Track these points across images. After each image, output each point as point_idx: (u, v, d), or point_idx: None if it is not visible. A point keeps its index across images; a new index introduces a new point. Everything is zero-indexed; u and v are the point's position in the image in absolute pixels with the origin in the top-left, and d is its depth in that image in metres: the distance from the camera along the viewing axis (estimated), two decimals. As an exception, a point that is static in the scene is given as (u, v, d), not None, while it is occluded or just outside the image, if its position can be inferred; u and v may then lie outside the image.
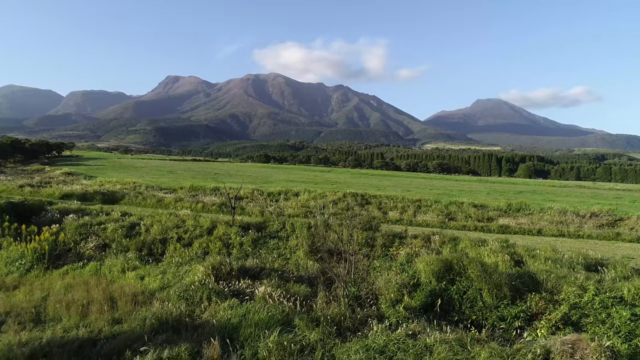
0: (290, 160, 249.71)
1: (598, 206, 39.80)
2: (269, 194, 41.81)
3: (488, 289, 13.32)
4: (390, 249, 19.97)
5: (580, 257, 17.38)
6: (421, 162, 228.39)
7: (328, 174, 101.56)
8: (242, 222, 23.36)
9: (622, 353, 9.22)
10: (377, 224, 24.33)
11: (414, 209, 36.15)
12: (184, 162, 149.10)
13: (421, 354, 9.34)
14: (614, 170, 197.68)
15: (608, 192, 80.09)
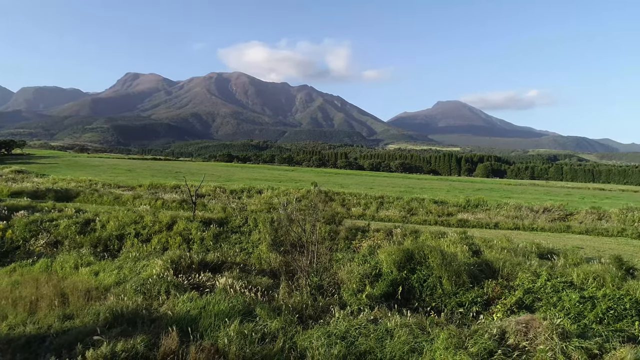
0: (253, 160, 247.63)
1: (550, 202, 41.55)
2: (231, 191, 41.23)
3: (447, 277, 13.64)
4: (353, 242, 20.13)
5: (533, 247, 18.11)
6: (384, 161, 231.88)
7: (292, 173, 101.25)
8: (203, 218, 22.92)
9: (572, 332, 9.62)
10: (340, 218, 24.48)
11: (377, 205, 36.59)
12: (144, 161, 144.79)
13: (382, 337, 9.44)
14: (565, 170, 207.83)
15: (560, 189, 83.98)
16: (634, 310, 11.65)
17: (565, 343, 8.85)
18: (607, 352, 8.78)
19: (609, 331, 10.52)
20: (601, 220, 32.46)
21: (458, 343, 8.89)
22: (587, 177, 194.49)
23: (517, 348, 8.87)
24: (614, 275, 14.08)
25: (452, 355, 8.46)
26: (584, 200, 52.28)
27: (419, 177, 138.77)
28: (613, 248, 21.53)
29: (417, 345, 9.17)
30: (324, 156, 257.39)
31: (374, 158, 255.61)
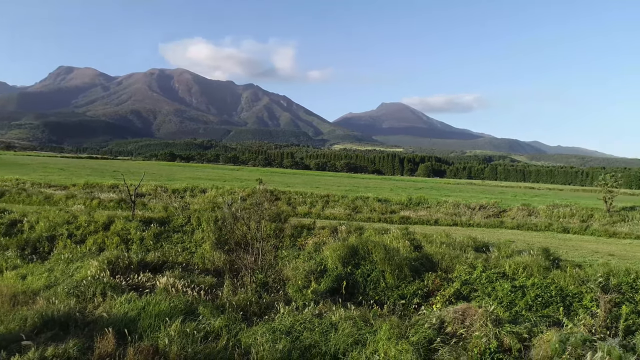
0: (197, 159, 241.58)
1: (486, 200, 43.83)
2: (173, 190, 39.91)
3: (390, 271, 14.00)
4: (299, 240, 20.16)
5: (470, 241, 19.01)
6: (330, 161, 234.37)
7: (237, 172, 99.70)
8: (143, 217, 22.02)
9: (504, 318, 10.20)
10: (286, 216, 24.44)
11: (322, 204, 36.88)
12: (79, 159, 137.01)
13: (327, 331, 9.52)
14: (499, 170, 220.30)
15: (494, 188, 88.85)
16: (559, 297, 12.56)
17: (499, 329, 9.38)
18: (535, 336, 9.39)
19: (537, 317, 11.27)
20: (531, 216, 34.68)
21: (400, 333, 9.15)
22: (518, 176, 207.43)
23: (455, 335, 9.28)
24: (542, 265, 15.08)
25: (394, 345, 8.69)
26: (516, 198, 55.58)
27: (364, 176, 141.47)
28: (541, 241, 23.04)
29: (361, 337, 9.33)
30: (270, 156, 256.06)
31: (320, 158, 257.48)
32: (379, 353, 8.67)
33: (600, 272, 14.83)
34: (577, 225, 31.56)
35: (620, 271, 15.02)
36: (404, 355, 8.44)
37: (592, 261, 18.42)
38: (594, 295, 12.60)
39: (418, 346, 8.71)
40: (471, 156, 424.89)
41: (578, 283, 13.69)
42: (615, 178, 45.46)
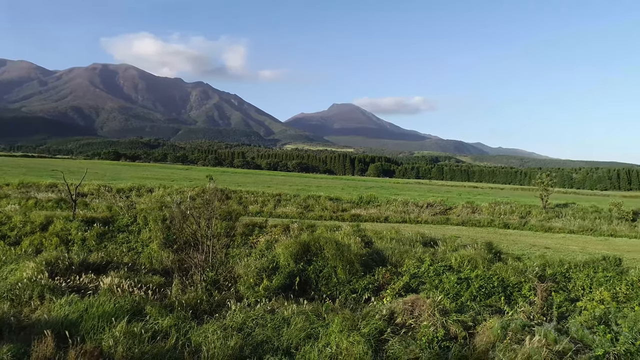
0: (144, 158, 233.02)
1: (433, 198, 45.32)
2: (118, 190, 38.29)
3: (342, 266, 14.17)
4: (250, 238, 19.98)
5: (418, 236, 19.62)
6: (281, 161, 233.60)
7: (186, 172, 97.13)
8: (85, 217, 20.96)
9: (450, 308, 10.62)
10: (237, 215, 24.11)
11: (274, 203, 36.71)
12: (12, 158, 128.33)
13: (279, 326, 9.51)
14: (445, 170, 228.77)
15: (441, 187, 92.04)
16: (501, 287, 13.23)
17: (445, 318, 9.76)
18: (479, 324, 9.86)
19: (481, 306, 11.83)
20: (475, 213, 36.26)
21: (352, 325, 9.30)
22: (463, 176, 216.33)
23: (405, 326, 9.56)
24: (485, 258, 15.85)
25: (346, 337, 8.81)
26: (461, 196, 57.88)
27: (316, 176, 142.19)
28: (484, 236, 24.14)
29: (314, 330, 9.39)
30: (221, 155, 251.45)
31: (271, 158, 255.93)
32: (331, 345, 8.76)
33: (537, 264, 15.81)
34: (517, 221, 33.36)
35: (555, 262, 16.07)
36: (355, 346, 8.57)
37: (530, 254, 19.54)
38: (531, 284, 13.38)
39: (369, 337, 8.89)
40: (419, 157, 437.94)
41: (518, 274, 14.48)
42: (551, 177, 48.52)
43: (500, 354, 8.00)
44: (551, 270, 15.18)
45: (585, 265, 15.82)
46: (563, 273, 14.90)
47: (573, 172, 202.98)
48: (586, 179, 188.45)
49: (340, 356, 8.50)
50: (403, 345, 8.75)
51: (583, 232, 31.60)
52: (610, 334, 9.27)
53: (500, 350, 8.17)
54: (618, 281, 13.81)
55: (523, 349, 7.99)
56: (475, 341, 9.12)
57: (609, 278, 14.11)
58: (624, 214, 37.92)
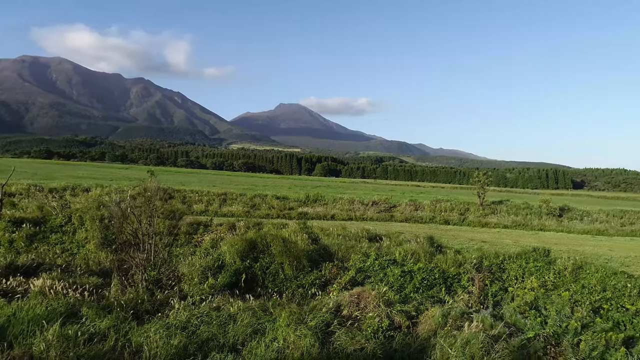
0: (80, 157, 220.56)
1: (378, 197, 46.39)
2: (51, 189, 36.00)
3: (289, 262, 14.17)
4: (195, 236, 19.52)
5: (364, 232, 20.05)
6: (227, 161, 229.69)
7: (126, 171, 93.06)
8: (13, 217, 19.52)
9: (395, 300, 10.94)
10: (181, 213, 23.44)
11: (220, 202, 36.07)
12: None
13: (225, 323, 9.35)
14: (389, 170, 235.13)
15: (385, 186, 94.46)
16: (442, 279, 13.79)
17: (390, 309, 10.04)
18: (422, 313, 10.23)
19: (423, 297, 12.28)
20: (417, 211, 37.53)
21: (299, 319, 9.32)
22: (406, 176, 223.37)
23: (351, 317, 9.72)
24: (427, 252, 16.48)
25: (293, 331, 8.82)
26: (404, 194, 59.68)
27: (262, 175, 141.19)
28: (426, 232, 25.05)
29: (260, 326, 9.32)
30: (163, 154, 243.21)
31: (217, 157, 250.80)
32: (278, 340, 8.74)
33: (475, 256, 16.65)
34: (456, 218, 34.93)
35: (491, 254, 16.99)
36: (302, 339, 8.61)
37: (468, 247, 20.57)
38: (470, 275, 14.06)
39: (316, 330, 8.95)
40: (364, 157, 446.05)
41: (457, 266, 15.18)
42: (487, 176, 51.25)
43: (441, 340, 8.34)
44: (487, 262, 16.03)
45: (518, 256, 16.85)
46: (498, 264, 15.77)
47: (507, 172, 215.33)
48: (519, 178, 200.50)
49: (288, 350, 8.50)
50: (349, 336, 8.90)
51: (516, 227, 33.67)
52: (540, 318, 9.95)
53: (442, 337, 8.53)
54: (547, 270, 14.83)
55: (462, 334, 8.38)
56: (418, 329, 9.45)
57: (539, 268, 15.12)
58: (551, 210, 40.75)
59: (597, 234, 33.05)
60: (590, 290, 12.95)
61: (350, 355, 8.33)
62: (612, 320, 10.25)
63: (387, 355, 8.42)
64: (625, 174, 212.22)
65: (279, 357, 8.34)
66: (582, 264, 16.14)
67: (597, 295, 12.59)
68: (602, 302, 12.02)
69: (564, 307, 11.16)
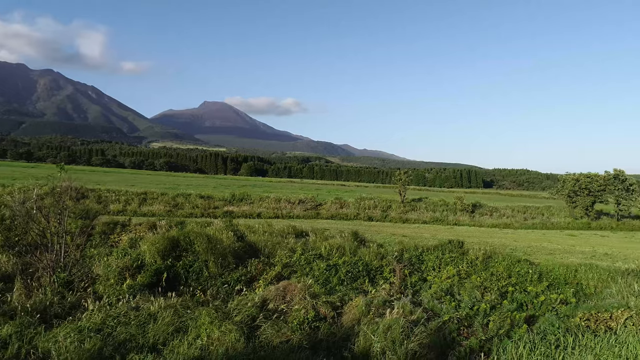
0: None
1: (304, 195, 46.82)
2: (-61, 189, 32.04)
3: (214, 260, 13.83)
4: (111, 236, 18.42)
5: (290, 229, 20.12)
6: (148, 160, 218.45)
7: (33, 170, 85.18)
8: None
9: (320, 292, 11.10)
10: (96, 213, 22.01)
11: (139, 201, 34.36)
12: None
13: (145, 322, 8.92)
14: (315, 169, 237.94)
15: (312, 185, 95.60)
16: (365, 271, 14.24)
17: (315, 300, 10.18)
18: (346, 303, 10.49)
19: (348, 289, 12.60)
20: (343, 208, 38.40)
21: (223, 315, 9.15)
22: (332, 175, 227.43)
23: (277, 311, 9.73)
24: (351, 246, 16.94)
25: (217, 327, 8.64)
26: (330, 193, 60.79)
27: (186, 175, 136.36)
28: (351, 228, 25.70)
29: (183, 324, 9.02)
30: (76, 152, 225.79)
31: (136, 156, 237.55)
32: (201, 337, 8.51)
33: (396, 249, 17.41)
34: (379, 214, 36.23)
35: (411, 247, 17.85)
36: (227, 335, 8.46)
37: (390, 241, 21.42)
38: (391, 267, 14.68)
39: (242, 325, 8.85)
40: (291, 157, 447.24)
41: (380, 259, 15.77)
42: (407, 175, 53.70)
43: (365, 327, 8.62)
44: (408, 254, 16.83)
45: (435, 248, 17.89)
46: (417, 256, 16.61)
47: (426, 172, 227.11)
48: (436, 178, 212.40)
49: (212, 346, 8.31)
50: (275, 329, 8.90)
51: (434, 222, 35.66)
52: (454, 303, 10.64)
53: (365, 324, 8.81)
54: (460, 260, 15.90)
55: (384, 320, 8.72)
56: (343, 319, 9.68)
57: (454, 258, 16.17)
58: (465, 207, 43.64)
59: (504, 227, 36.00)
60: (498, 277, 14.06)
61: (276, 348, 8.33)
62: (516, 301, 11.22)
63: (313, 345, 8.54)
64: (528, 174, 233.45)
65: (202, 355, 8.13)
66: (491, 254, 17.54)
67: (504, 281, 13.69)
68: (508, 287, 13.11)
69: (475, 292, 12.03)
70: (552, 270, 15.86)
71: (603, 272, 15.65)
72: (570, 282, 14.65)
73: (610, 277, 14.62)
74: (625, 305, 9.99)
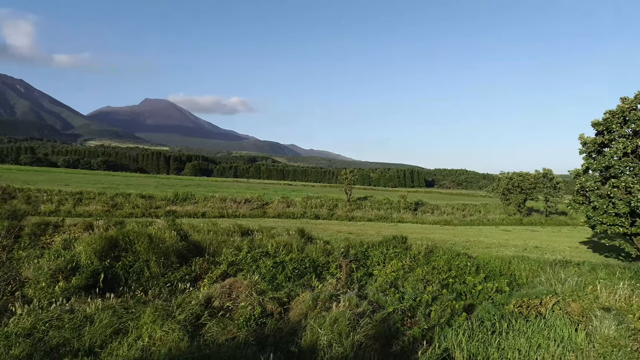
0: None
1: (251, 195, 46.31)
2: None
3: (156, 259, 13.35)
4: (43, 238, 17.25)
5: (236, 227, 19.81)
6: (84, 158, 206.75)
7: (-50, 169, 78.19)
8: None
9: (267, 289, 11.02)
10: (24, 214, 20.61)
11: (74, 202, 32.46)
12: None
13: (81, 325, 8.43)
14: (262, 169, 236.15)
15: (258, 185, 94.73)
16: (312, 267, 14.30)
17: (262, 297, 10.09)
18: (293, 299, 10.48)
19: (295, 285, 12.59)
20: (290, 207, 38.33)
21: (166, 314, 8.84)
22: (279, 175, 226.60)
23: (223, 308, 9.53)
24: (299, 243, 16.95)
25: (159, 327, 8.35)
26: (277, 192, 60.52)
27: (126, 174, 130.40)
28: (298, 226, 25.69)
29: (123, 325, 8.62)
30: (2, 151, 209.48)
31: (71, 155, 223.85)
32: (142, 338, 8.18)
33: (342, 246, 17.66)
34: (326, 213, 36.53)
35: (357, 244, 18.17)
36: (170, 334, 8.19)
37: (337, 238, 21.66)
38: (338, 263, 14.86)
39: (185, 323, 8.61)
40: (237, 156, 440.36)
41: (326, 255, 15.92)
42: (353, 174, 54.57)
43: (312, 321, 8.64)
44: (354, 250, 17.12)
45: (380, 244, 18.32)
46: (363, 252, 16.93)
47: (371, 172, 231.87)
48: (381, 177, 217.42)
49: (154, 347, 8.00)
50: (221, 327, 8.72)
51: (378, 220, 36.47)
52: (398, 295, 10.94)
53: (312, 318, 8.84)
54: (404, 255, 16.38)
55: (331, 313, 8.79)
56: (290, 314, 9.66)
57: (398, 253, 16.63)
58: (408, 205, 45.00)
59: (445, 224, 37.50)
60: (439, 270, 14.63)
61: (222, 345, 8.16)
62: (456, 292, 11.73)
63: (260, 341, 8.45)
64: (466, 174, 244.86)
65: (143, 356, 7.82)
66: (433, 248, 18.22)
67: (445, 274, 14.26)
68: (448, 279, 13.68)
69: (418, 284, 12.43)
70: (488, 262, 16.74)
71: (533, 263, 16.74)
72: (504, 273, 15.54)
73: (540, 268, 15.65)
74: (553, 292, 10.73)
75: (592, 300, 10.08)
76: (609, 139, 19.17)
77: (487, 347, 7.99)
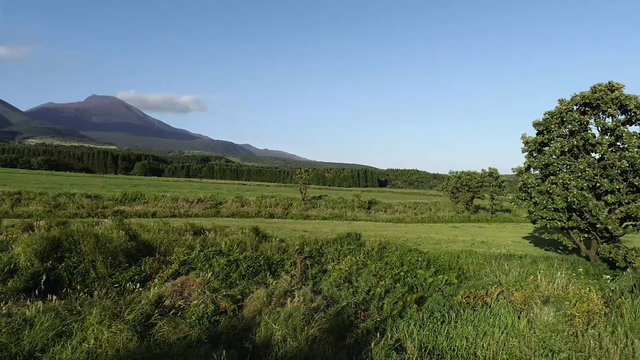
0: None
1: (204, 194, 45.37)
2: None
3: (102, 260, 12.79)
4: (-24, 240, 16.08)
5: (188, 226, 19.38)
6: (22, 157, 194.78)
7: None
8: None
9: (220, 287, 10.86)
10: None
11: (12, 202, 30.57)
12: None
13: (19, 329, 7.95)
14: (215, 169, 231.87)
15: (211, 185, 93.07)
16: (266, 265, 14.22)
17: (215, 295, 9.93)
18: (247, 296, 10.39)
19: (249, 283, 12.47)
20: (244, 207, 37.94)
21: (114, 315, 8.52)
22: (233, 175, 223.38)
23: (174, 307, 9.29)
24: (253, 241, 16.80)
25: (107, 328, 8.03)
26: (231, 192, 59.68)
27: (70, 174, 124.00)
28: (252, 225, 25.48)
29: (66, 327, 8.21)
30: None
31: (8, 153, 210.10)
32: (88, 340, 7.83)
33: (297, 243, 17.68)
34: (281, 212, 36.44)
35: (311, 241, 18.26)
36: (118, 335, 7.89)
37: (292, 236, 21.68)
38: (292, 260, 14.86)
39: (135, 323, 8.32)
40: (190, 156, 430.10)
41: (281, 252, 15.89)
42: (308, 174, 54.76)
43: (266, 317, 8.60)
44: (308, 247, 17.18)
45: (335, 241, 18.53)
46: (318, 249, 17.03)
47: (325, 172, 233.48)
48: (335, 177, 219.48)
49: (100, 349, 7.68)
50: (172, 326, 8.50)
51: (333, 218, 36.81)
52: (352, 289, 11.10)
53: (266, 314, 8.80)
54: (358, 252, 16.64)
55: (285, 309, 8.79)
56: (244, 311, 9.56)
57: (352, 250, 16.87)
58: (362, 204, 45.73)
59: (397, 221, 38.41)
60: (392, 265, 14.98)
61: (173, 345, 7.96)
62: (407, 285, 12.04)
63: (213, 339, 8.32)
64: (418, 174, 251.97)
65: (89, 359, 7.50)
66: (386, 245, 18.63)
67: (397, 269, 14.61)
68: (401, 273, 14.01)
69: (371, 279, 12.66)
70: (438, 257, 17.33)
71: (480, 257, 17.51)
72: (454, 267, 16.14)
73: (486, 261, 16.40)
74: (498, 282, 11.26)
75: (533, 289, 10.67)
76: (549, 139, 20.32)
77: (437, 336, 8.27)
